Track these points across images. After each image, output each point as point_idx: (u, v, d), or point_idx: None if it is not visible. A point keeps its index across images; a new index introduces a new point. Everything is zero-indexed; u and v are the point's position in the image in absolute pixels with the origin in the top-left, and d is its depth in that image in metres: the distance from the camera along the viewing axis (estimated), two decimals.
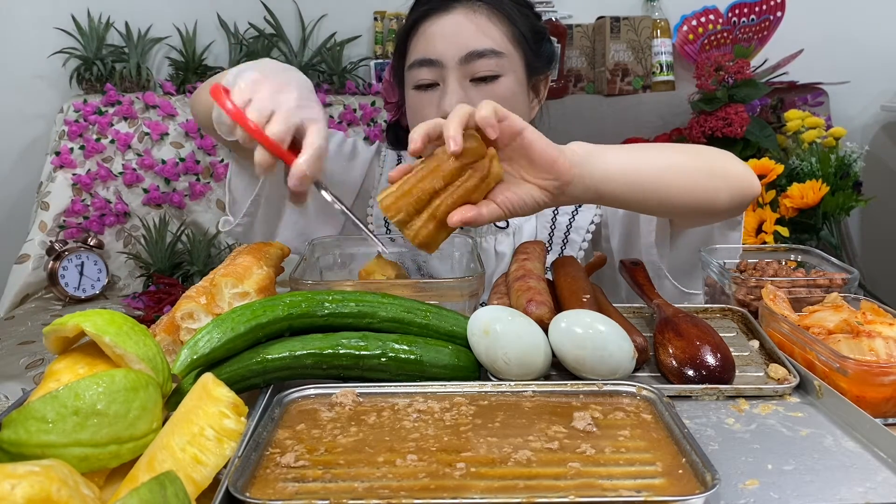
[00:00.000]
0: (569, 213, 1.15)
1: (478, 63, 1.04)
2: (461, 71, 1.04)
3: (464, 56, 1.03)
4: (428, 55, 1.05)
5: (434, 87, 1.06)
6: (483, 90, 1.04)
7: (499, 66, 1.05)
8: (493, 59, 1.04)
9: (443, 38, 1.05)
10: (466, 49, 1.03)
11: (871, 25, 2.33)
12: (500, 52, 1.05)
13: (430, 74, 1.06)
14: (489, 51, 1.04)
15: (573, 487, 0.49)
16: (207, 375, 0.56)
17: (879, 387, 0.64)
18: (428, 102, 1.07)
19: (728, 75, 1.93)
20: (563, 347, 0.66)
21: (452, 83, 1.04)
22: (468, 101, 1.03)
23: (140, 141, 2.10)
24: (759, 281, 0.86)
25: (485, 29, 1.05)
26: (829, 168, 1.78)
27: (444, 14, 1.06)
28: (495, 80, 1.05)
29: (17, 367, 1.58)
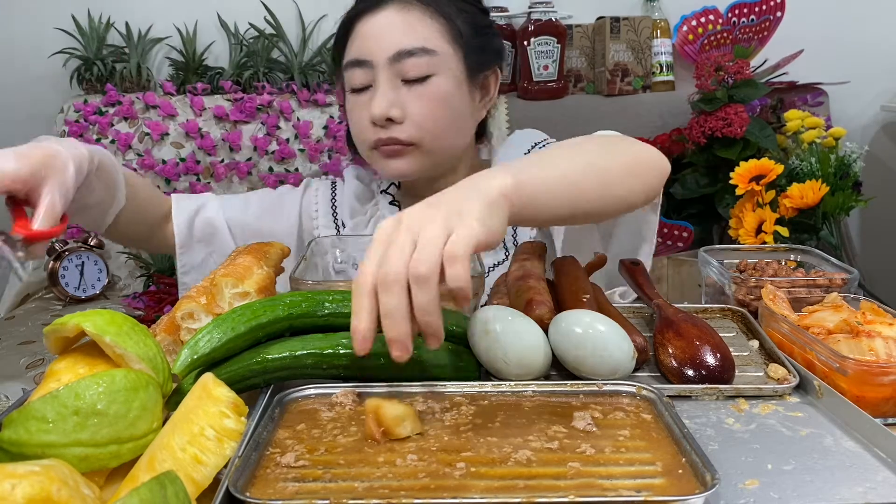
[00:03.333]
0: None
1: (408, 62, 1.00)
2: (391, 71, 1.01)
3: (393, 55, 1.00)
4: (358, 56, 1.03)
5: (367, 90, 1.04)
6: (415, 91, 1.01)
7: (431, 65, 1.01)
8: (425, 58, 1.01)
9: (373, 37, 1.02)
10: (395, 48, 1.00)
11: (871, 25, 2.33)
12: (432, 51, 1.01)
13: (362, 77, 1.03)
14: (419, 49, 1.00)
15: (573, 487, 0.49)
16: (207, 375, 0.56)
17: (879, 387, 0.64)
18: (361, 105, 1.04)
19: (728, 75, 1.93)
20: (563, 347, 0.67)
21: (382, 84, 1.01)
22: (400, 102, 1.01)
23: (140, 141, 2.10)
24: (758, 281, 0.86)
25: (416, 26, 1.02)
26: (828, 168, 1.78)
27: (375, 12, 1.03)
28: (427, 80, 1.02)
29: (18, 367, 1.58)
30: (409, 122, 1.02)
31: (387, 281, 0.56)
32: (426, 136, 1.03)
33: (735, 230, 1.79)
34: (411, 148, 1.04)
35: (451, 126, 1.06)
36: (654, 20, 2.21)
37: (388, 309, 0.56)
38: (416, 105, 1.02)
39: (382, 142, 1.03)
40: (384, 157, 1.05)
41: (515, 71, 2.18)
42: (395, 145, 1.03)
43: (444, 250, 0.56)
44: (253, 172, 2.15)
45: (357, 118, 1.06)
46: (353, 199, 1.18)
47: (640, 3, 2.30)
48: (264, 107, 2.12)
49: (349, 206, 1.17)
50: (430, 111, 1.02)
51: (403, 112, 1.02)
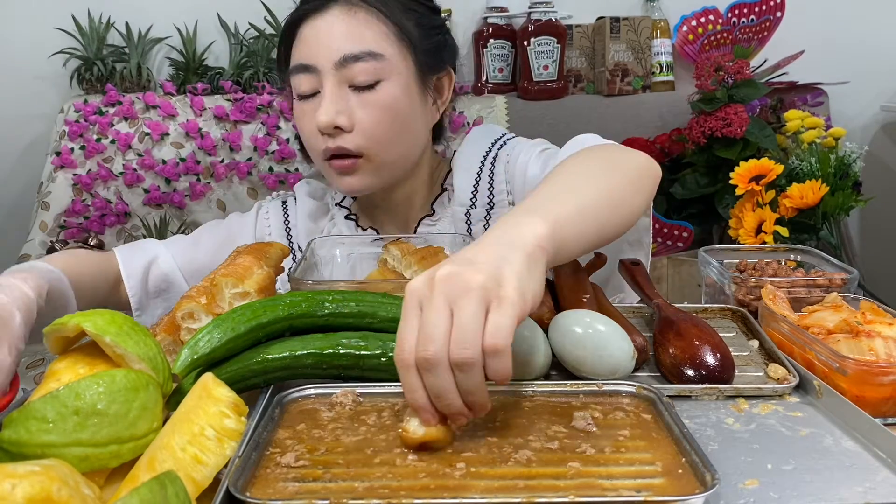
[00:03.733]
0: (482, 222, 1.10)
1: (355, 67, 0.97)
2: (338, 76, 0.98)
3: (339, 60, 0.97)
4: (303, 60, 0.99)
5: (314, 96, 1.00)
6: (364, 98, 0.98)
7: (378, 70, 0.98)
8: (372, 63, 0.97)
9: (317, 41, 0.98)
10: (340, 52, 0.97)
11: (871, 25, 2.33)
12: (379, 55, 0.98)
13: (308, 83, 0.99)
14: (365, 53, 0.97)
15: (573, 487, 0.49)
16: (208, 375, 0.56)
17: (879, 387, 0.64)
18: (308, 112, 1.00)
19: (728, 75, 1.93)
20: (563, 347, 0.67)
21: (329, 90, 0.97)
22: (347, 110, 0.98)
23: (140, 141, 2.10)
24: (758, 281, 0.86)
25: (362, 29, 0.98)
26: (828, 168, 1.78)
27: (319, 15, 0.99)
28: (376, 86, 0.98)
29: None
30: (357, 130, 0.99)
31: (429, 364, 0.53)
32: (375, 147, 1.00)
33: (735, 230, 1.79)
34: (362, 161, 1.00)
35: (402, 134, 1.02)
36: (654, 20, 2.21)
37: (438, 390, 0.54)
38: (365, 113, 0.98)
39: (331, 152, 1.00)
40: (336, 173, 1.02)
41: (515, 71, 2.18)
42: (346, 159, 1.00)
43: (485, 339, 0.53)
44: (253, 172, 2.15)
45: (305, 126, 1.02)
46: (306, 220, 1.14)
47: (640, 3, 2.30)
48: (264, 107, 2.13)
49: (304, 227, 1.13)
50: (379, 119, 0.99)
51: (351, 120, 0.98)
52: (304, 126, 1.02)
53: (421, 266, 0.84)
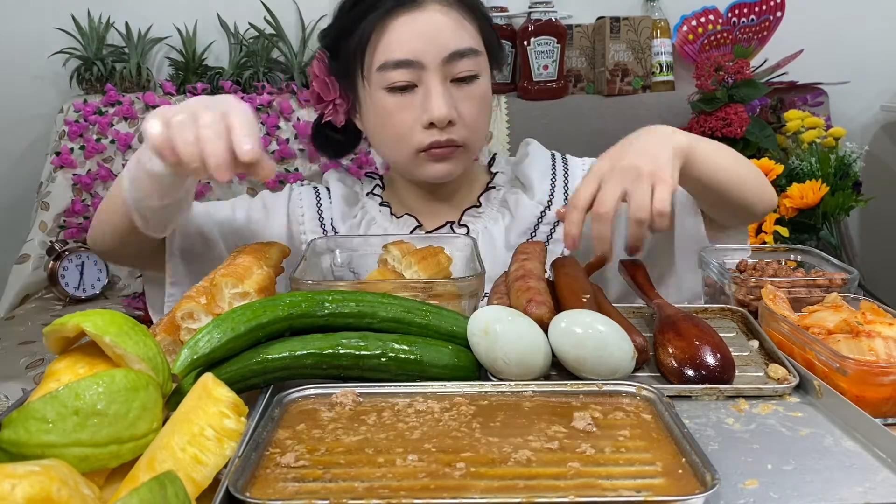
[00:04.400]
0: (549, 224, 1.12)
1: (459, 63, 1.00)
2: (443, 72, 1.00)
3: (446, 56, 0.99)
4: (406, 56, 0.99)
5: (411, 90, 1.01)
6: (464, 91, 1.02)
7: (477, 65, 1.02)
8: (473, 59, 1.01)
9: (422, 36, 0.99)
10: (448, 49, 0.99)
11: (871, 25, 2.33)
12: (478, 51, 1.02)
13: (407, 76, 1.00)
14: (469, 50, 1.01)
15: (573, 487, 0.49)
16: (207, 375, 0.56)
17: (879, 387, 0.64)
18: (406, 105, 1.01)
19: (728, 75, 1.93)
20: (563, 347, 0.67)
21: (437, 86, 1.00)
22: (453, 102, 1.01)
23: (140, 141, 2.10)
24: (758, 281, 0.86)
25: (462, 26, 1.02)
26: (828, 168, 1.78)
27: (416, 11, 1.00)
28: (475, 80, 1.02)
29: (18, 367, 1.58)
30: (461, 123, 1.02)
31: (599, 216, 0.81)
32: (473, 137, 1.05)
33: None
34: (460, 150, 1.04)
35: (488, 125, 1.09)
36: (654, 20, 2.21)
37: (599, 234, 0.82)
38: (466, 106, 1.02)
39: (439, 144, 1.01)
40: (432, 161, 1.03)
41: (515, 71, 2.18)
42: (449, 147, 1.02)
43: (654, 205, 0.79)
44: None
45: (401, 120, 1.02)
46: (341, 203, 1.14)
47: (640, 3, 2.30)
48: (264, 107, 2.13)
49: (339, 210, 1.14)
50: (478, 111, 1.04)
51: (457, 113, 1.02)
52: (400, 119, 1.02)
53: (421, 266, 0.84)
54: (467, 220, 1.12)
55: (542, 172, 1.15)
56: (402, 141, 1.04)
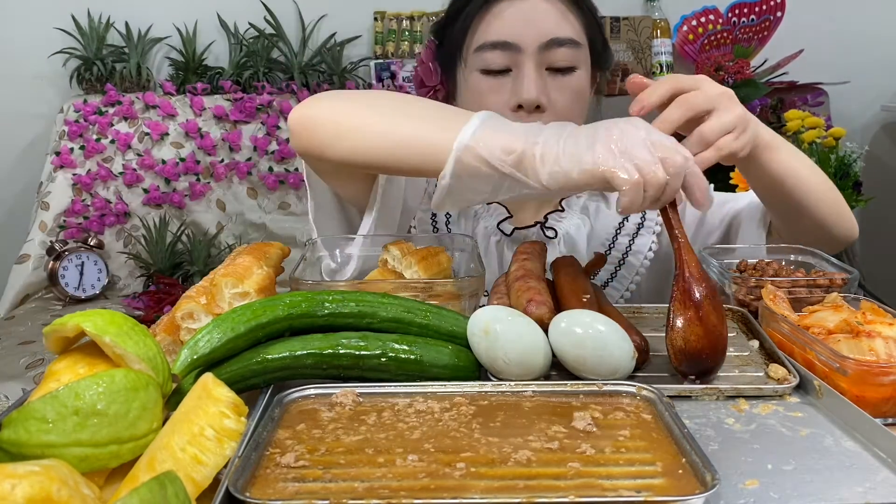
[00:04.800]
0: (629, 235, 1.12)
1: (557, 52, 1.00)
2: (539, 58, 1.00)
3: (545, 43, 0.99)
4: (504, 38, 1.00)
5: (505, 73, 1.01)
6: (559, 81, 1.01)
7: (576, 57, 1.01)
8: (572, 50, 1.01)
9: (523, 20, 1.00)
10: (548, 36, 0.99)
11: (871, 25, 2.33)
12: (579, 43, 1.02)
13: (502, 59, 1.00)
14: (569, 40, 1.00)
15: (573, 487, 0.49)
16: (207, 375, 0.56)
17: (879, 387, 0.64)
18: (498, 88, 1.02)
19: (728, 75, 1.93)
20: (563, 347, 0.66)
21: (531, 70, 0.99)
22: (546, 91, 1.00)
23: (140, 141, 2.10)
24: (759, 281, 0.86)
25: (566, 16, 1.01)
26: (829, 168, 1.79)
27: None
28: (572, 72, 1.02)
29: (18, 367, 1.58)
30: (550, 111, 1.01)
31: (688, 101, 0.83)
32: None
33: None
34: None
35: (580, 119, 1.06)
36: (654, 20, 2.21)
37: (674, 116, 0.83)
38: (559, 95, 1.02)
39: None
40: None
41: None
42: None
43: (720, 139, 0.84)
44: (253, 172, 2.15)
45: (492, 101, 1.02)
46: None
47: (640, 3, 2.30)
48: (264, 107, 2.13)
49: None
50: (571, 103, 1.03)
51: (549, 101, 1.01)
52: (492, 101, 1.02)
53: (421, 266, 0.84)
54: (553, 223, 1.11)
55: None
56: None
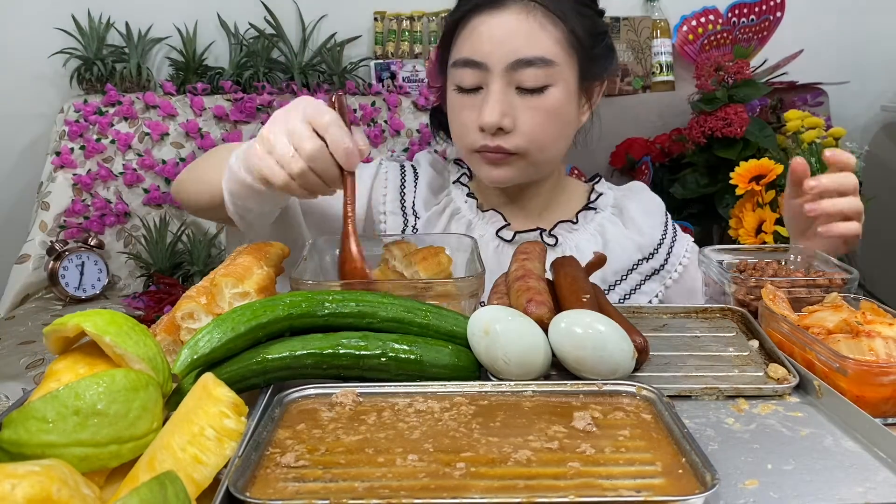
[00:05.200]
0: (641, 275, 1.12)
1: (525, 72, 0.97)
2: (507, 78, 0.98)
3: (511, 63, 0.97)
4: (472, 56, 0.99)
5: (476, 91, 1.01)
6: (529, 101, 0.99)
7: (548, 76, 0.98)
8: (543, 70, 0.97)
9: (490, 39, 0.98)
10: (514, 56, 0.97)
11: (871, 25, 2.33)
12: (551, 62, 0.98)
13: (473, 77, 0.99)
14: (539, 59, 0.97)
15: (573, 487, 0.49)
16: (207, 375, 0.56)
17: (879, 387, 0.64)
18: (469, 106, 1.01)
19: (728, 75, 1.93)
20: (563, 347, 0.66)
21: (496, 91, 0.98)
22: (512, 111, 0.99)
23: (140, 141, 2.10)
24: (758, 281, 0.86)
25: (537, 33, 0.98)
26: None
27: (495, 12, 0.98)
28: (543, 91, 0.99)
29: (18, 366, 1.58)
30: (518, 132, 1.00)
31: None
32: (532, 148, 1.01)
33: (735, 230, 1.79)
34: (515, 157, 1.02)
35: (558, 137, 1.05)
36: (654, 20, 2.21)
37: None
38: (528, 115, 0.99)
39: (486, 148, 1.01)
40: (485, 163, 1.03)
41: None
42: (499, 154, 1.01)
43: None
44: None
45: (463, 119, 1.02)
46: (426, 189, 1.12)
47: (640, 3, 2.30)
48: (264, 107, 2.13)
49: (423, 196, 1.12)
50: (542, 123, 1.00)
51: (514, 122, 0.99)
52: (462, 118, 1.03)
53: (422, 266, 0.84)
54: (559, 232, 1.11)
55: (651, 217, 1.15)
56: (460, 139, 1.05)
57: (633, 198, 1.17)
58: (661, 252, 1.14)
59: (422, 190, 1.12)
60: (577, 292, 0.76)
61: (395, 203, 1.12)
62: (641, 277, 1.12)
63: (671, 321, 0.84)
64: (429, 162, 1.17)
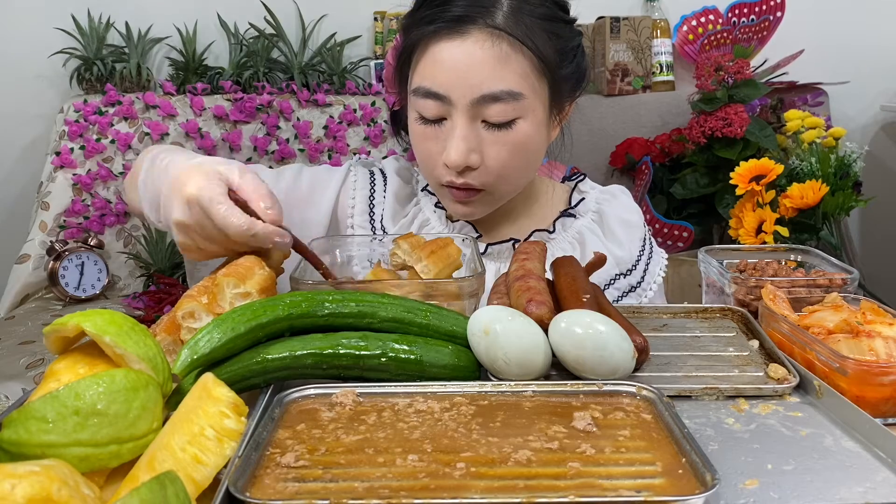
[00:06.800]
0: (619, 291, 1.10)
1: (492, 107, 0.91)
2: (472, 112, 0.92)
3: (476, 98, 0.91)
4: (434, 88, 0.92)
5: (440, 122, 0.95)
6: (496, 136, 0.93)
7: (516, 109, 0.92)
8: (511, 104, 0.91)
9: (453, 70, 0.91)
10: (479, 91, 0.90)
11: (871, 25, 2.34)
12: (519, 94, 0.91)
13: (435, 109, 0.93)
14: (506, 94, 0.91)
15: (573, 487, 0.49)
16: (208, 375, 0.56)
17: (879, 387, 0.64)
18: (433, 137, 0.96)
19: (728, 75, 1.93)
20: (563, 347, 0.66)
21: (462, 126, 0.92)
22: (479, 147, 0.94)
23: (140, 141, 2.10)
24: (758, 281, 0.86)
25: (503, 65, 0.90)
26: (828, 168, 1.78)
27: (456, 39, 0.91)
28: (511, 125, 0.93)
29: (18, 367, 1.58)
30: (485, 168, 0.95)
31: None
32: (499, 182, 0.98)
33: (735, 230, 1.79)
34: (482, 193, 0.98)
35: (527, 169, 1.01)
36: (654, 20, 2.21)
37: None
38: (495, 151, 0.94)
39: (453, 185, 0.97)
40: (452, 199, 1.00)
41: None
42: (466, 191, 0.97)
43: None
44: None
45: (427, 150, 0.97)
46: (393, 200, 1.08)
47: (640, 3, 2.31)
48: (264, 107, 2.13)
49: (391, 207, 1.07)
50: (510, 158, 0.95)
51: (481, 158, 0.94)
52: (426, 149, 0.97)
53: (431, 260, 0.84)
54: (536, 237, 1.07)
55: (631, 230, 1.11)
56: (426, 170, 1.02)
57: (615, 204, 1.13)
58: (639, 268, 1.11)
59: (390, 202, 1.08)
60: (577, 292, 0.76)
61: (364, 216, 1.07)
62: (619, 293, 1.09)
63: (671, 321, 0.84)
64: (395, 170, 1.12)
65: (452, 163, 0.93)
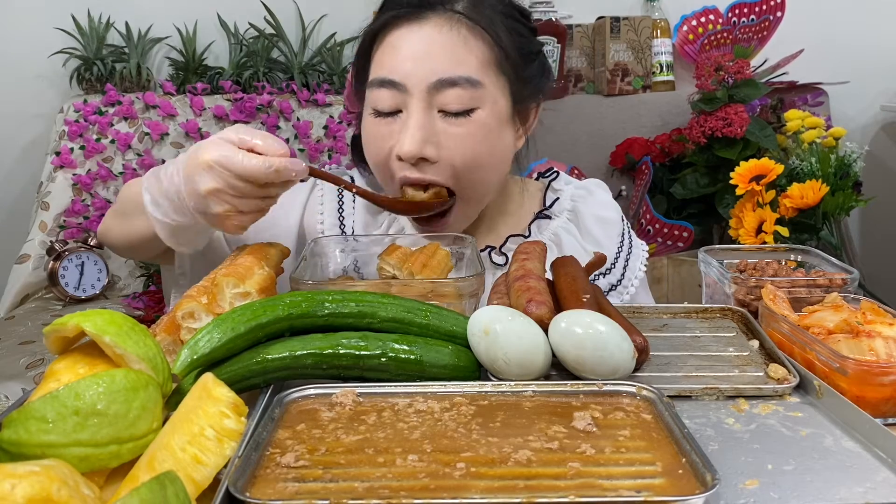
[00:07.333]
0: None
1: (449, 93, 0.88)
2: (428, 100, 0.88)
3: (433, 83, 0.87)
4: (390, 75, 0.89)
5: (395, 115, 0.90)
6: (453, 125, 0.89)
7: (474, 98, 0.88)
8: (468, 91, 0.88)
9: (410, 56, 0.88)
10: (436, 75, 0.87)
11: (871, 25, 2.33)
12: (477, 82, 0.88)
13: (390, 99, 0.89)
14: (464, 79, 0.87)
15: (573, 487, 0.49)
16: (207, 375, 0.56)
17: (879, 387, 0.64)
18: (386, 132, 0.91)
19: (728, 75, 1.93)
20: (563, 347, 0.66)
21: (417, 115, 0.88)
22: (435, 138, 0.89)
23: (140, 141, 2.10)
24: (758, 281, 0.86)
25: (461, 50, 0.88)
26: (828, 168, 1.78)
27: (414, 25, 0.89)
28: (469, 114, 0.89)
29: (18, 367, 1.58)
30: (443, 162, 0.90)
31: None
32: (462, 180, 0.92)
33: (735, 230, 1.79)
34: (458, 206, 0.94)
35: (489, 166, 0.94)
36: (654, 20, 2.21)
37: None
38: (454, 142, 0.90)
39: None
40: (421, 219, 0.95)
41: None
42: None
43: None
44: None
45: (380, 147, 0.92)
46: (364, 212, 1.04)
47: (640, 3, 2.31)
48: (264, 107, 2.13)
49: (361, 219, 1.03)
50: (470, 150, 0.90)
51: (437, 150, 0.90)
52: (379, 147, 0.92)
53: (425, 274, 0.82)
54: (510, 248, 1.02)
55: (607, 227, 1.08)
56: (380, 170, 0.96)
57: (591, 202, 1.10)
58: (618, 266, 1.08)
59: (360, 213, 1.04)
60: (577, 292, 0.76)
61: (335, 230, 1.03)
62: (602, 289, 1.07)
63: (671, 321, 0.84)
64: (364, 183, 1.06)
65: (406, 153, 0.88)
